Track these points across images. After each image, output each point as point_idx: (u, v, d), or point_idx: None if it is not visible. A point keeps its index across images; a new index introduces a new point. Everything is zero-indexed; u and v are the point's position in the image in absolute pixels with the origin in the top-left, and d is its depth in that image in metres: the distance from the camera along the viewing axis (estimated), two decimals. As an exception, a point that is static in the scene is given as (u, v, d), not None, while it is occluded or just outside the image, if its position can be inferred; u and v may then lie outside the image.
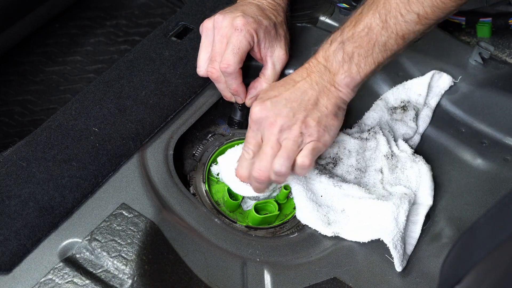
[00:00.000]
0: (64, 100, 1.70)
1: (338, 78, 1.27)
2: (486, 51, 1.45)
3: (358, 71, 1.27)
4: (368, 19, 1.25)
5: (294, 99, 1.26)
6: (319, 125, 1.25)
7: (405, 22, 1.24)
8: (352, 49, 1.26)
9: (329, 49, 1.28)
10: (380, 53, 1.26)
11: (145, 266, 1.19)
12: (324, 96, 1.27)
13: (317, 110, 1.26)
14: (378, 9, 1.25)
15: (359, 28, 1.26)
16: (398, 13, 1.24)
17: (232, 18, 1.35)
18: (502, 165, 1.40)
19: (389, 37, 1.25)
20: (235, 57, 1.34)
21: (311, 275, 1.25)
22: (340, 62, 1.27)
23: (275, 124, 1.24)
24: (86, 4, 1.89)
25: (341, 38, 1.27)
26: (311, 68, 1.29)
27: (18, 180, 1.24)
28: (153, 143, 1.34)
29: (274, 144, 1.25)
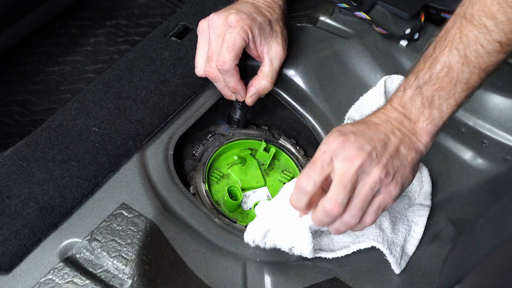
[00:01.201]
0: (64, 100, 1.70)
1: (420, 126, 1.16)
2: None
3: (441, 115, 1.16)
4: (445, 57, 1.15)
5: (377, 139, 1.13)
6: (397, 176, 1.13)
7: (487, 53, 1.14)
8: (431, 92, 1.15)
9: (403, 96, 1.17)
10: (462, 92, 1.16)
11: (145, 266, 1.19)
12: (406, 146, 1.15)
13: (398, 159, 1.13)
14: (454, 44, 1.15)
15: (437, 69, 1.15)
16: (478, 45, 1.14)
17: (226, 16, 1.35)
18: (502, 165, 1.40)
19: (472, 73, 1.15)
20: (230, 54, 1.34)
21: (311, 275, 1.25)
22: (419, 109, 1.16)
23: (356, 159, 1.10)
24: (86, 4, 1.89)
25: (416, 82, 1.16)
26: (389, 115, 1.17)
27: (18, 180, 1.24)
28: (153, 143, 1.34)
29: (354, 178, 1.10)
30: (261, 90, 1.41)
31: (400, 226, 1.29)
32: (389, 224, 1.27)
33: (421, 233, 1.30)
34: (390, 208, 1.28)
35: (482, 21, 1.14)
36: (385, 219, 1.27)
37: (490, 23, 1.14)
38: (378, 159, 1.12)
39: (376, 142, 1.13)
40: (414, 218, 1.31)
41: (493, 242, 0.86)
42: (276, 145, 1.46)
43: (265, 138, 1.46)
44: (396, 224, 1.28)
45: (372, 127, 1.15)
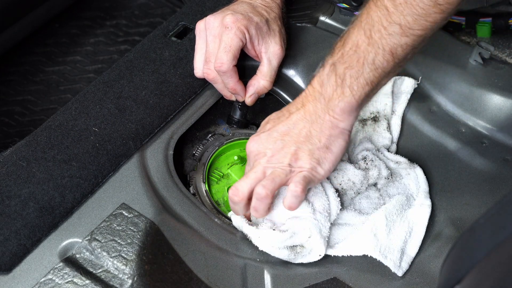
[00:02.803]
0: (64, 100, 1.70)
1: (333, 104, 1.21)
2: (486, 51, 1.45)
3: (352, 93, 1.20)
4: (354, 37, 1.20)
5: (286, 131, 1.23)
6: (311, 158, 1.21)
7: (389, 35, 1.17)
8: (343, 70, 1.20)
9: (322, 73, 1.23)
10: (371, 72, 1.20)
11: (145, 266, 1.19)
12: (317, 128, 1.22)
13: (308, 143, 1.22)
14: (362, 24, 1.20)
15: (347, 48, 1.20)
16: (381, 27, 1.18)
17: (222, 17, 1.35)
18: (502, 165, 1.40)
19: (377, 53, 1.19)
20: (227, 55, 1.34)
21: (311, 275, 1.25)
22: (333, 86, 1.21)
23: (265, 155, 1.22)
24: (86, 4, 1.90)
25: (332, 59, 1.22)
26: (307, 97, 1.24)
27: (18, 180, 1.24)
28: (153, 143, 1.34)
29: (258, 170, 1.21)
30: (260, 89, 1.41)
31: (399, 229, 1.29)
32: (385, 230, 1.27)
33: (422, 233, 1.30)
34: (387, 213, 1.28)
35: (384, 2, 1.17)
36: (381, 225, 1.27)
37: (390, 4, 1.16)
38: (286, 151, 1.21)
39: (284, 135, 1.22)
40: (415, 219, 1.31)
41: (493, 242, 0.86)
42: (276, 145, 1.46)
43: (265, 138, 1.45)
44: (394, 228, 1.28)
45: (284, 119, 1.24)
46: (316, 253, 1.24)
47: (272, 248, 1.24)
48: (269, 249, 1.24)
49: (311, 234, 1.24)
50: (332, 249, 1.27)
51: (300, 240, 1.24)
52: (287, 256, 1.24)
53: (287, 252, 1.24)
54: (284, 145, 1.22)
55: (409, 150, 1.42)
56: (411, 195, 1.34)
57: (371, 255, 1.25)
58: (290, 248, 1.24)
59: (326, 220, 1.25)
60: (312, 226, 1.23)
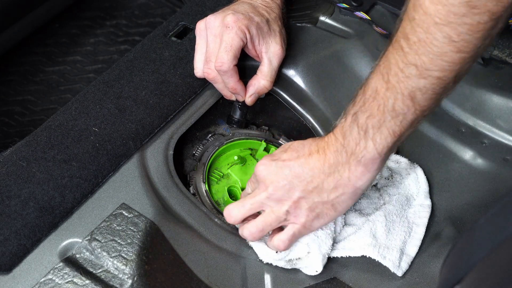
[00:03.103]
0: (64, 100, 1.70)
1: (355, 158, 1.14)
2: (486, 51, 1.45)
3: (375, 146, 1.12)
4: (374, 82, 1.12)
5: (298, 173, 1.16)
6: (310, 211, 1.17)
7: (406, 77, 1.08)
8: (365, 120, 1.12)
9: (344, 123, 1.15)
10: (392, 120, 1.11)
11: (145, 266, 1.19)
12: (331, 182, 1.16)
13: (316, 195, 1.16)
14: (380, 69, 1.11)
15: (367, 95, 1.12)
16: (398, 69, 1.09)
17: (223, 16, 1.35)
18: (502, 165, 1.40)
19: (396, 99, 1.10)
20: (228, 54, 1.34)
21: (311, 275, 1.25)
22: (356, 139, 1.13)
23: (267, 190, 1.18)
24: (86, 4, 1.90)
25: (354, 109, 1.14)
26: (328, 147, 1.16)
27: (18, 180, 1.24)
28: (153, 143, 1.34)
29: (256, 203, 1.19)
30: (261, 89, 1.41)
31: (398, 229, 1.29)
32: (384, 230, 1.27)
33: (422, 233, 1.30)
34: (386, 213, 1.28)
35: (400, 43, 1.08)
36: (380, 225, 1.27)
37: (405, 44, 1.07)
38: (290, 194, 1.17)
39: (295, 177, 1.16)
40: (415, 219, 1.31)
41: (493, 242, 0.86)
42: (276, 145, 1.46)
43: (265, 138, 1.46)
44: (393, 228, 1.28)
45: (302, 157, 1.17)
46: (312, 268, 1.24)
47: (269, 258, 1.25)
48: (268, 259, 1.25)
49: (310, 250, 1.23)
50: (332, 250, 1.27)
51: (298, 254, 1.23)
52: (284, 266, 1.25)
53: (284, 263, 1.24)
54: (290, 188, 1.16)
55: (409, 150, 1.42)
56: (411, 195, 1.34)
57: (369, 256, 1.25)
58: (287, 261, 1.24)
59: (328, 237, 1.24)
60: (311, 242, 1.22)
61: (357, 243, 1.26)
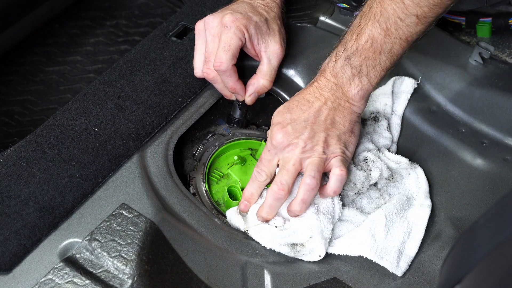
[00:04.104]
0: (64, 100, 1.70)
1: (351, 93, 1.28)
2: (486, 51, 1.45)
3: (369, 81, 1.28)
4: (369, 30, 1.26)
5: (312, 120, 1.27)
6: (340, 143, 1.28)
7: (406, 25, 1.24)
8: (359, 62, 1.27)
9: (335, 66, 1.29)
10: (387, 60, 1.27)
11: (145, 266, 1.19)
12: (339, 114, 1.28)
13: (335, 129, 1.28)
14: (376, 18, 1.25)
15: (362, 41, 1.27)
16: (397, 19, 1.24)
17: (221, 16, 1.36)
18: (502, 165, 1.40)
19: (394, 43, 1.26)
20: (226, 54, 1.34)
21: (311, 275, 1.25)
22: (350, 77, 1.28)
23: (297, 145, 1.26)
24: (86, 4, 1.90)
25: (345, 53, 1.28)
26: (321, 87, 1.30)
27: (18, 180, 1.24)
28: (153, 143, 1.34)
29: (296, 162, 1.25)
30: (260, 88, 1.41)
31: (398, 229, 1.29)
32: (383, 230, 1.27)
33: (422, 233, 1.30)
34: (387, 212, 1.28)
35: None
36: (380, 225, 1.27)
37: None
38: (317, 138, 1.26)
39: (311, 124, 1.27)
40: (414, 219, 1.31)
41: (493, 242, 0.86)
42: (276, 145, 1.46)
43: (265, 138, 1.46)
44: (393, 228, 1.28)
45: (306, 108, 1.28)
46: (316, 253, 1.25)
47: (273, 243, 1.24)
48: (269, 245, 1.25)
49: (312, 234, 1.24)
50: (330, 246, 1.27)
51: (301, 239, 1.24)
52: (287, 253, 1.25)
53: (287, 249, 1.24)
54: (314, 133, 1.26)
55: (409, 150, 1.42)
56: (411, 195, 1.34)
57: (366, 256, 1.25)
58: (291, 246, 1.24)
59: (328, 221, 1.25)
60: (314, 227, 1.23)
61: (355, 242, 1.26)
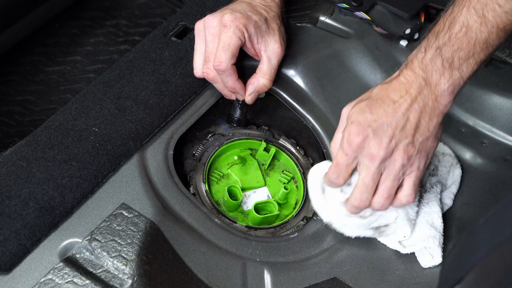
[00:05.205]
0: (64, 100, 1.70)
1: (441, 89, 1.18)
2: (486, 51, 1.45)
3: (461, 75, 1.18)
4: (464, 17, 1.16)
5: (395, 124, 1.17)
6: (420, 152, 1.19)
7: (504, 12, 1.14)
8: (451, 53, 1.17)
9: (425, 58, 1.18)
10: (482, 52, 1.17)
11: (145, 266, 1.19)
12: (425, 117, 1.18)
13: (419, 135, 1.18)
14: (472, 4, 1.16)
15: (456, 29, 1.16)
16: (495, 5, 1.14)
17: (221, 16, 1.36)
18: (502, 165, 1.40)
19: (490, 32, 1.16)
20: (225, 53, 1.34)
21: (311, 275, 1.25)
22: (440, 70, 1.17)
23: (377, 156, 1.17)
24: (86, 4, 1.90)
25: (436, 43, 1.18)
26: (409, 83, 1.19)
27: (18, 180, 1.24)
28: (153, 143, 1.34)
29: (376, 175, 1.18)
30: (260, 88, 1.41)
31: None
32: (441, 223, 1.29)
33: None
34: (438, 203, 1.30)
35: None
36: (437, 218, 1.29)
37: None
38: (398, 147, 1.17)
39: (394, 129, 1.17)
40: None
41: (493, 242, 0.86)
42: (276, 145, 1.46)
43: (265, 138, 1.46)
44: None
45: (389, 108, 1.17)
46: (400, 233, 1.26)
47: (358, 231, 1.26)
48: (355, 233, 1.27)
49: (397, 216, 1.25)
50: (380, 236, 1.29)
51: (387, 220, 1.26)
52: (371, 235, 1.26)
53: (372, 232, 1.26)
54: (396, 141, 1.17)
55: (409, 150, 1.42)
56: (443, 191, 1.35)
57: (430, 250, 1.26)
58: (375, 229, 1.26)
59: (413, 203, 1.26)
60: (400, 209, 1.25)
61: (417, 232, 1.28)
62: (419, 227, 1.27)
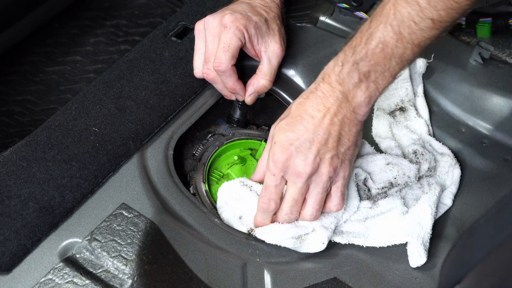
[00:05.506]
0: (64, 100, 1.70)
1: (358, 100, 1.20)
2: (486, 51, 1.45)
3: (377, 87, 1.20)
4: (381, 33, 1.18)
5: (317, 140, 1.20)
6: (344, 162, 1.23)
7: (420, 30, 1.16)
8: (368, 68, 1.19)
9: (341, 71, 1.20)
10: (397, 65, 1.20)
11: (145, 266, 1.19)
12: (345, 128, 1.22)
13: (341, 146, 1.22)
14: (389, 21, 1.17)
15: (372, 45, 1.18)
16: (411, 22, 1.16)
17: (221, 17, 1.36)
18: (502, 165, 1.40)
19: (405, 48, 1.18)
20: (226, 54, 1.34)
21: (311, 275, 1.25)
22: (356, 83, 1.20)
23: (304, 173, 1.20)
24: (86, 4, 1.90)
25: (353, 58, 1.19)
26: (326, 98, 1.21)
27: (18, 180, 1.24)
28: (153, 143, 1.34)
29: (303, 190, 1.22)
30: (260, 88, 1.41)
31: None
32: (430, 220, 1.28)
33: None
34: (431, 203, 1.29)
35: None
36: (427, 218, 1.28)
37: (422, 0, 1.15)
38: (323, 161, 1.21)
39: (317, 144, 1.20)
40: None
41: (493, 242, 0.86)
42: (276, 145, 1.46)
43: (265, 138, 1.46)
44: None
45: (310, 126, 1.20)
46: (319, 241, 1.25)
47: (278, 239, 1.25)
48: (275, 241, 1.26)
49: (314, 226, 1.26)
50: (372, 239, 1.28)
51: (305, 230, 1.26)
52: (293, 245, 1.26)
53: (293, 241, 1.25)
54: (320, 157, 1.20)
55: (409, 150, 1.42)
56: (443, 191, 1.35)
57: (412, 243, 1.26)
58: (296, 238, 1.25)
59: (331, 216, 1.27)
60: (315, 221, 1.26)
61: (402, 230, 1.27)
62: (407, 224, 1.27)
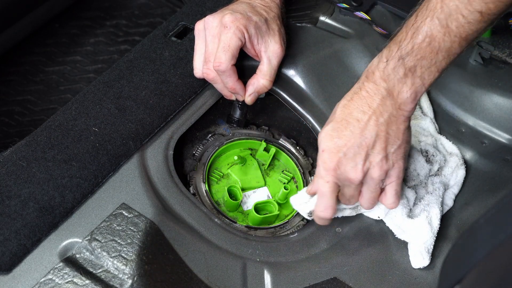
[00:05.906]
0: (64, 100, 1.70)
1: (403, 97, 1.19)
2: (486, 51, 1.45)
3: (423, 83, 1.19)
4: (427, 27, 1.17)
5: (365, 144, 1.19)
6: (396, 162, 1.22)
7: (468, 23, 1.15)
8: (414, 63, 1.18)
9: (386, 68, 1.19)
10: (443, 60, 1.18)
11: (145, 266, 1.19)
12: (393, 126, 1.20)
13: (390, 146, 1.20)
14: (436, 14, 1.16)
15: (419, 39, 1.17)
16: (459, 15, 1.15)
17: (221, 16, 1.35)
18: (502, 165, 1.40)
19: (453, 42, 1.17)
20: (226, 54, 1.34)
21: (311, 275, 1.25)
22: (401, 80, 1.18)
23: (356, 179, 1.20)
24: (86, 4, 1.90)
25: (399, 53, 1.19)
26: (370, 97, 1.20)
27: (18, 180, 1.24)
28: (153, 143, 1.34)
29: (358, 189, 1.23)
30: (260, 88, 1.41)
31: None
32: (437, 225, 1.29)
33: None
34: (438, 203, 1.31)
35: None
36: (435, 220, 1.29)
37: None
38: (373, 164, 1.20)
39: (365, 148, 1.19)
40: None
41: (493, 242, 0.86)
42: (276, 145, 1.46)
43: (265, 138, 1.46)
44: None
45: (355, 128, 1.19)
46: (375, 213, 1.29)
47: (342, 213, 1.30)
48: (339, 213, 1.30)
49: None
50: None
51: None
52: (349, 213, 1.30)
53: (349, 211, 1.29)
54: (371, 161, 1.20)
55: (409, 150, 1.42)
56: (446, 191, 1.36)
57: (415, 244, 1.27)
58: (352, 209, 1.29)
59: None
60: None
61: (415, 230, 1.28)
62: (419, 221, 1.27)
